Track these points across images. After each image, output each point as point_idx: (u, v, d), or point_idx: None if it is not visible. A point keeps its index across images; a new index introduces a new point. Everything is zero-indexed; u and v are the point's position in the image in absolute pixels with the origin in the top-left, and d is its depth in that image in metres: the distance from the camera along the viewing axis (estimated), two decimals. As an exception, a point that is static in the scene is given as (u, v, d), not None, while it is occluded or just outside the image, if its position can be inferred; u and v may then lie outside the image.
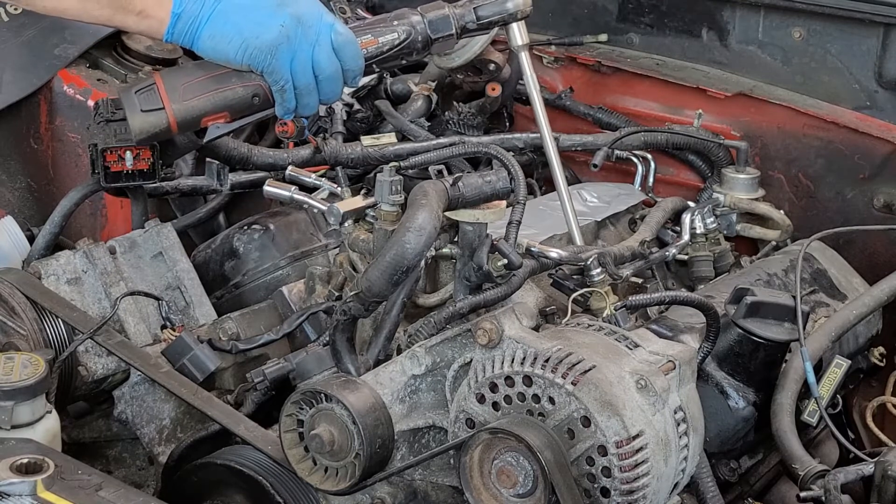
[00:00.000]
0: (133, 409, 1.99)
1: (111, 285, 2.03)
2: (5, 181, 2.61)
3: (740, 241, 2.52)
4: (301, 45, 1.81)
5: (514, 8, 2.04)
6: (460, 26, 1.98)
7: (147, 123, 1.87)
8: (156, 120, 1.86)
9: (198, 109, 1.86)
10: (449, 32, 1.97)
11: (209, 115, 1.88)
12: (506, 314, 1.62)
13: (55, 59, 2.57)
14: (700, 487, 1.78)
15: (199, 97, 1.86)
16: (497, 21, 2.04)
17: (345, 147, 2.37)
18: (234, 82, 1.85)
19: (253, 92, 1.86)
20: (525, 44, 2.27)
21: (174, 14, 1.79)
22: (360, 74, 1.90)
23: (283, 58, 1.80)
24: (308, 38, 1.81)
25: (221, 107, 1.87)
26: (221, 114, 1.88)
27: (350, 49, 1.86)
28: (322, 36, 1.83)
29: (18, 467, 1.38)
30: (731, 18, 2.70)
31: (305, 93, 1.85)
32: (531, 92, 2.31)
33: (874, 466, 1.66)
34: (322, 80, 1.85)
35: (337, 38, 1.84)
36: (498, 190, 1.81)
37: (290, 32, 1.80)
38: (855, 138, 2.47)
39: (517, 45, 2.26)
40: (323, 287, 2.04)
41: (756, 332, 1.85)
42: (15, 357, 1.62)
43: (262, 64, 1.80)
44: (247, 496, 1.73)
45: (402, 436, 1.67)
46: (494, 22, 2.04)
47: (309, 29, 1.82)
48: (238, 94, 1.86)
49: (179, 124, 1.87)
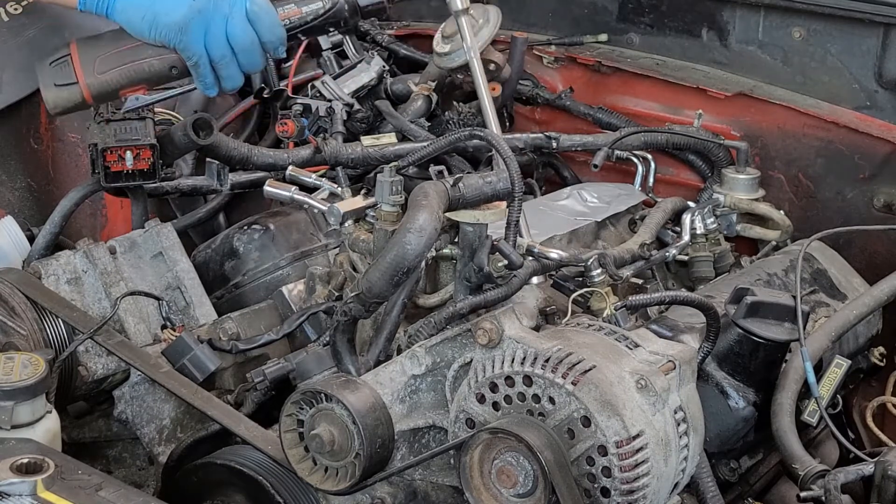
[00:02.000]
0: (133, 409, 1.99)
1: (111, 285, 2.03)
2: (5, 181, 2.61)
3: (740, 242, 2.52)
4: (214, 19, 1.80)
5: None
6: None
7: (61, 98, 1.86)
8: (69, 94, 1.86)
9: (113, 83, 1.85)
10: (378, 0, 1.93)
11: (125, 87, 1.87)
12: (506, 314, 1.62)
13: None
14: (700, 487, 1.78)
15: (114, 70, 1.84)
16: None
17: (345, 147, 2.37)
18: (150, 54, 1.84)
19: (170, 64, 1.85)
20: (464, 8, 2.22)
21: None
22: (283, 44, 1.89)
23: (194, 33, 1.79)
24: (221, 11, 1.80)
25: (137, 80, 1.86)
26: (138, 86, 1.87)
27: (266, 19, 1.84)
28: (236, 7, 1.81)
29: (18, 467, 1.38)
30: (731, 18, 2.70)
31: (222, 65, 1.84)
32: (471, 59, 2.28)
33: (874, 466, 1.66)
34: (238, 52, 1.83)
35: (252, 9, 1.82)
36: (498, 190, 1.81)
37: (201, 6, 1.78)
38: (855, 138, 2.47)
39: (456, 10, 2.21)
40: (323, 287, 2.04)
41: (756, 332, 1.85)
42: (15, 357, 1.62)
43: (173, 40, 1.79)
44: (247, 496, 1.73)
45: (402, 436, 1.67)
46: None
47: (222, 1, 1.80)
48: (154, 66, 1.85)
49: (94, 97, 1.86)
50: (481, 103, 2.28)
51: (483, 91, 2.27)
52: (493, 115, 2.25)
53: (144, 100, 1.93)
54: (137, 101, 1.92)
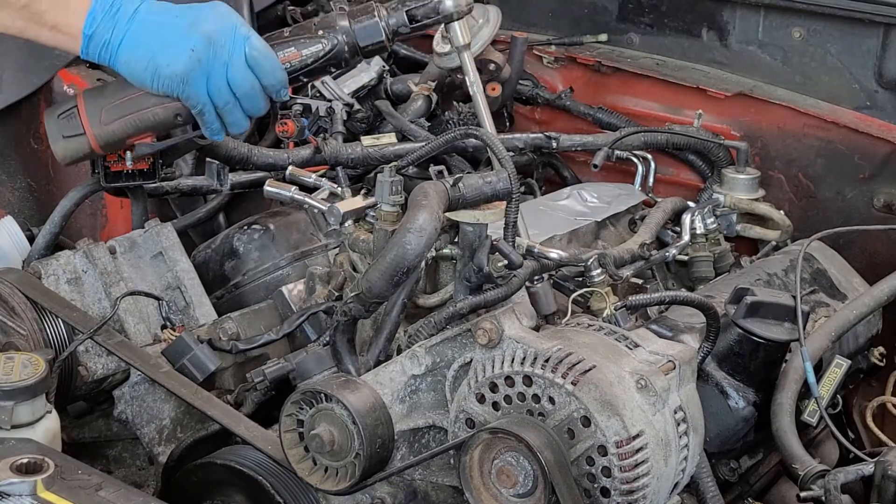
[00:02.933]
0: (133, 409, 1.99)
1: (111, 285, 2.02)
2: (5, 181, 2.61)
3: (740, 242, 2.52)
4: (214, 67, 1.79)
5: (452, 7, 1.97)
6: (391, 31, 1.93)
7: (70, 150, 1.88)
8: (78, 145, 1.87)
9: (119, 133, 1.87)
10: (379, 40, 1.92)
11: (132, 136, 1.89)
12: (506, 314, 1.62)
13: (55, 59, 2.57)
14: (700, 487, 1.78)
15: (120, 120, 1.86)
16: (432, 23, 1.98)
17: (345, 147, 2.37)
18: (154, 103, 1.85)
19: (174, 112, 1.86)
20: (465, 44, 2.22)
21: (85, 35, 1.77)
22: (285, 87, 1.88)
23: (196, 83, 1.79)
24: (220, 58, 1.79)
25: (143, 129, 1.87)
26: (145, 135, 1.89)
27: (266, 63, 1.83)
28: (235, 54, 1.81)
29: (18, 467, 1.38)
30: (731, 18, 2.70)
31: (227, 111, 1.84)
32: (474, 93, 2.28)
33: (874, 466, 1.66)
34: (241, 98, 1.83)
35: (251, 54, 1.82)
36: (498, 190, 1.81)
37: (201, 56, 1.78)
38: (855, 138, 2.47)
39: (458, 46, 2.21)
40: (323, 287, 2.04)
41: (756, 332, 1.85)
42: (15, 357, 1.62)
43: (176, 91, 1.80)
44: (247, 496, 1.73)
45: (402, 436, 1.67)
46: (429, 23, 1.97)
47: (221, 49, 1.79)
48: (159, 115, 1.86)
49: (102, 147, 1.88)
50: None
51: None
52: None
53: (156, 146, 1.96)
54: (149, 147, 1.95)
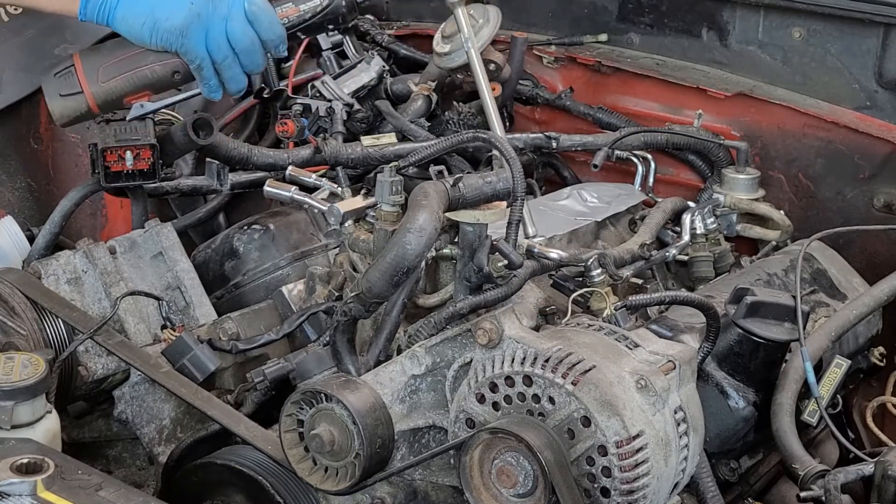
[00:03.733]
0: (133, 409, 1.99)
1: (111, 285, 2.03)
2: (5, 181, 2.61)
3: (740, 242, 2.51)
4: (213, 21, 1.81)
5: None
6: None
7: (67, 108, 1.88)
8: (75, 104, 1.88)
9: (117, 90, 1.87)
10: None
11: (129, 94, 1.89)
12: (506, 314, 1.62)
13: (55, 59, 2.57)
14: (700, 487, 1.78)
15: (118, 77, 1.86)
16: None
17: (345, 147, 2.37)
18: (153, 60, 1.86)
19: (172, 69, 1.87)
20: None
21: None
22: (284, 43, 1.90)
23: (195, 37, 1.80)
24: (219, 12, 1.81)
25: (141, 86, 1.88)
26: (143, 93, 1.89)
27: (265, 18, 1.85)
28: (234, 8, 1.82)
29: (18, 467, 1.39)
30: (731, 18, 2.69)
31: (225, 67, 1.85)
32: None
33: (874, 466, 1.66)
34: (240, 53, 1.85)
35: (250, 9, 1.84)
36: (498, 190, 1.81)
37: (200, 9, 1.79)
38: (855, 138, 2.47)
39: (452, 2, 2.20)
40: (323, 287, 2.04)
41: (756, 332, 1.85)
42: (15, 357, 1.62)
43: (174, 45, 1.81)
44: (247, 496, 1.73)
45: (402, 436, 1.67)
46: None
47: (220, 2, 1.81)
48: (157, 72, 1.87)
49: (100, 106, 1.88)
50: (483, 104, 2.26)
51: (484, 88, 2.25)
52: (496, 116, 2.24)
53: (149, 107, 1.96)
54: (142, 108, 1.94)
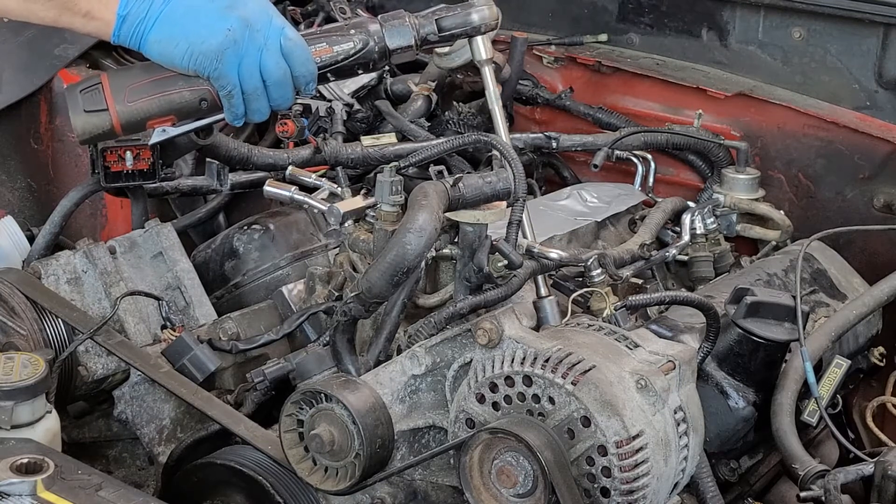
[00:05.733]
0: (133, 409, 1.99)
1: (111, 285, 2.03)
2: (5, 181, 2.61)
3: (740, 242, 2.51)
4: (248, 50, 1.78)
5: (479, 21, 2.00)
6: (420, 38, 1.94)
7: (90, 124, 1.86)
8: (99, 121, 1.86)
9: (143, 112, 1.85)
10: (408, 44, 1.93)
11: (154, 118, 1.87)
12: (506, 314, 1.62)
13: (55, 59, 2.57)
14: (700, 487, 1.78)
15: (145, 100, 1.84)
16: (460, 34, 2.00)
17: (345, 147, 2.37)
18: (181, 86, 1.83)
19: (200, 96, 1.84)
20: (489, 58, 2.21)
21: (119, 16, 1.76)
22: (314, 81, 1.87)
23: (229, 63, 1.77)
24: (256, 43, 1.78)
25: (167, 110, 1.86)
26: (167, 117, 1.87)
27: (299, 54, 1.83)
28: (270, 40, 1.80)
29: (18, 467, 1.39)
30: (731, 18, 2.69)
31: (253, 98, 1.83)
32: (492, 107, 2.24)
33: (874, 466, 1.66)
34: (270, 86, 1.82)
35: (286, 43, 1.81)
36: (498, 190, 1.81)
37: (237, 36, 1.77)
38: (855, 138, 2.47)
39: (480, 60, 2.21)
40: (323, 287, 2.04)
41: (756, 332, 1.85)
42: (15, 357, 1.62)
43: (208, 69, 1.77)
44: (247, 496, 1.73)
45: (402, 436, 1.67)
46: (457, 35, 2.00)
47: (257, 33, 1.78)
48: (185, 97, 1.84)
49: (123, 126, 1.86)
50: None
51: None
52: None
53: (171, 132, 1.93)
54: (165, 132, 1.92)
